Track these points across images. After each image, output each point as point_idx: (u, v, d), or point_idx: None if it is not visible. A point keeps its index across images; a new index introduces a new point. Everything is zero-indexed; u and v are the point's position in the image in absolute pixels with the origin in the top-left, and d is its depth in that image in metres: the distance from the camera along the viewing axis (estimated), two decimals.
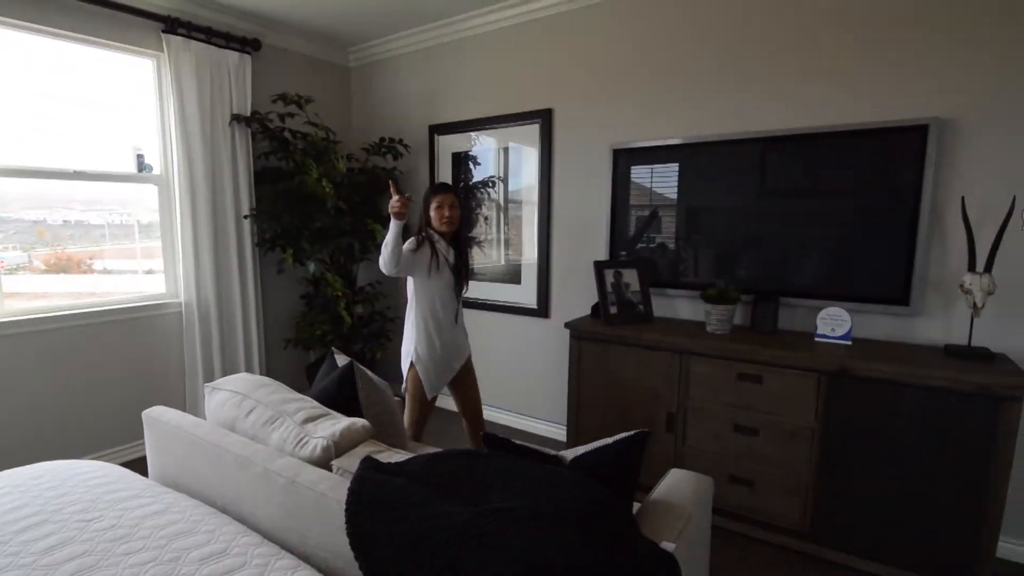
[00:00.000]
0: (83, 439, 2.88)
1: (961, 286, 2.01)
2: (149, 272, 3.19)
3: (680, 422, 2.40)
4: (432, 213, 2.29)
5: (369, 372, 1.76)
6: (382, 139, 3.52)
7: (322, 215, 3.25)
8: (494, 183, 3.45)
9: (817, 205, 2.38)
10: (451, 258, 2.32)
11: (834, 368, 2.03)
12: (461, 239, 2.39)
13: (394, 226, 2.07)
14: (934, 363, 1.94)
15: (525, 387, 3.43)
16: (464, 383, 2.47)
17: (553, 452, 1.31)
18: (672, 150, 2.69)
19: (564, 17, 2.98)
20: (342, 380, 1.65)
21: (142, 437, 3.06)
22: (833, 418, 2.06)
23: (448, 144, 3.58)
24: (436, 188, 2.33)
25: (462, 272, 2.36)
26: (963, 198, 2.05)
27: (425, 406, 2.34)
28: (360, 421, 1.36)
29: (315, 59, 3.79)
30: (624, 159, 2.84)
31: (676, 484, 1.47)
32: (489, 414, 3.60)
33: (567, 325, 2.68)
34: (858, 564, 2.06)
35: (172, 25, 2.95)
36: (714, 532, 2.31)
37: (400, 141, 3.55)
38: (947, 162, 2.12)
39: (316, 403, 1.49)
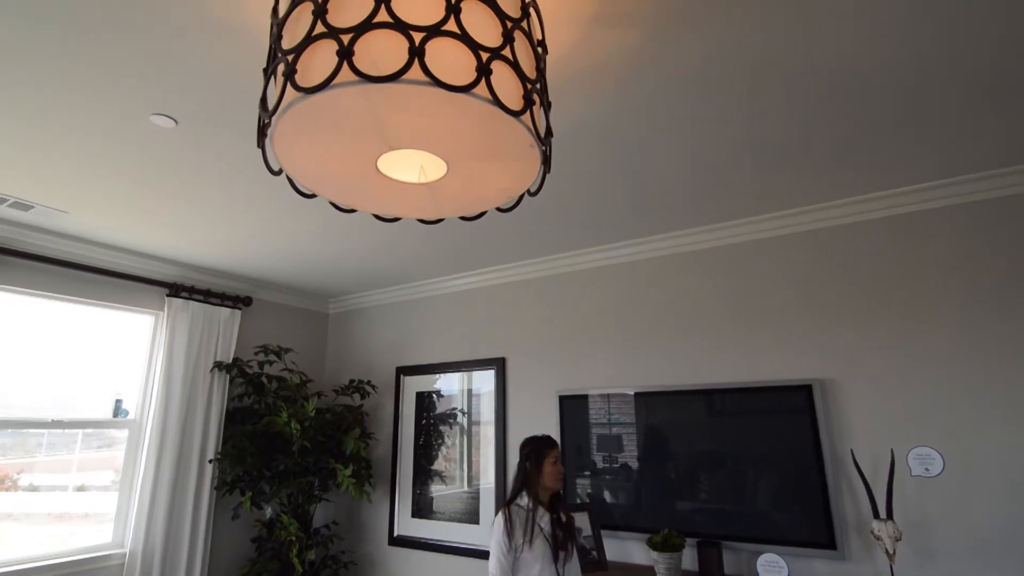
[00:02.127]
0: None
1: (872, 533, 2.21)
2: (81, 488, 3.09)
3: None
4: (548, 468, 2.11)
5: None
6: (352, 380, 3.84)
7: (286, 456, 3.36)
8: (456, 415, 3.70)
9: (747, 454, 2.66)
10: (547, 524, 2.07)
11: None
12: (558, 500, 2.17)
13: None
14: None
15: None
16: None
17: None
18: (607, 398, 3.05)
19: (518, 284, 3.60)
20: None
21: None
22: None
23: (413, 384, 3.91)
24: (548, 441, 2.17)
25: (560, 538, 2.06)
26: (852, 450, 2.38)
27: None
28: None
29: (298, 309, 4.30)
30: (572, 402, 3.17)
31: None
32: None
33: None
34: None
35: (176, 290, 3.43)
36: None
37: (368, 382, 3.87)
38: (834, 417, 2.51)
39: None
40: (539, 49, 1.15)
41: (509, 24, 1.00)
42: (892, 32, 1.52)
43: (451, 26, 0.91)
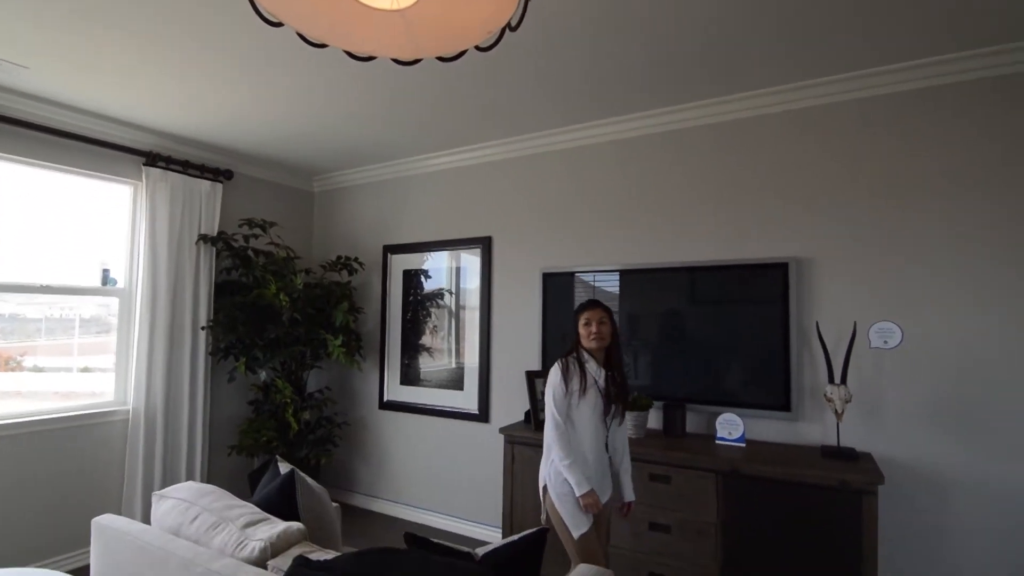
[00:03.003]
0: (15, 550, 2.80)
1: (825, 395, 2.40)
2: (85, 370, 3.26)
3: (604, 522, 2.59)
4: (581, 330, 2.18)
5: (309, 480, 1.93)
6: (339, 257, 3.88)
7: (277, 326, 3.48)
8: (443, 295, 3.80)
9: (717, 325, 2.80)
10: (601, 380, 2.15)
11: (728, 468, 2.33)
12: (614, 358, 2.20)
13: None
14: (810, 462, 2.27)
15: (466, 490, 3.55)
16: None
17: (467, 549, 1.51)
18: (596, 275, 3.13)
19: (505, 163, 3.53)
20: (283, 487, 1.82)
21: (81, 546, 3.02)
22: (731, 514, 2.31)
23: (400, 262, 3.96)
24: (585, 304, 2.21)
25: (613, 395, 2.14)
26: (817, 323, 2.51)
27: (585, 541, 2.04)
28: (296, 525, 1.54)
29: (282, 186, 4.21)
30: (556, 280, 3.25)
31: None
32: (430, 518, 3.66)
33: (502, 430, 2.91)
34: None
35: (153, 159, 3.32)
36: None
37: (356, 259, 3.91)
38: (805, 293, 2.60)
39: (257, 509, 1.65)
40: None
41: None
42: None
43: None
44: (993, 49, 2.24)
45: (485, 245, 3.55)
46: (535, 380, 2.97)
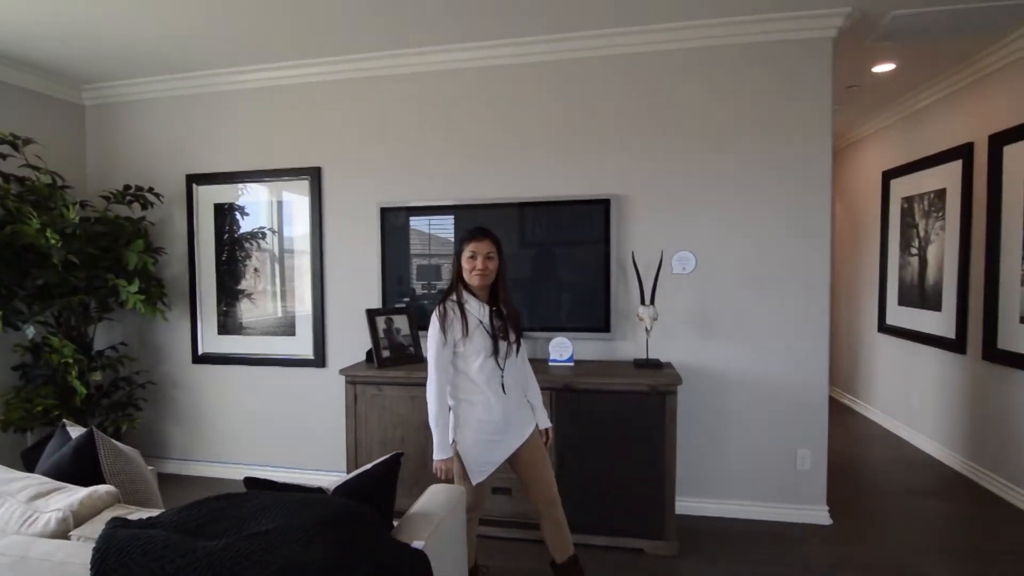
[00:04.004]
0: None
1: (637, 315, 2.75)
2: None
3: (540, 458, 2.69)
4: (464, 264, 1.97)
5: (113, 440, 1.65)
6: (127, 187, 3.24)
7: (46, 271, 2.83)
8: (265, 234, 3.43)
9: (547, 258, 2.98)
10: (486, 318, 1.98)
11: (560, 385, 2.57)
12: (500, 293, 2.03)
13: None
14: (626, 373, 2.61)
15: (306, 440, 3.39)
16: (524, 462, 2.06)
17: (317, 486, 1.46)
18: (439, 209, 3.09)
19: (338, 85, 3.22)
20: (79, 451, 1.53)
21: None
22: (563, 425, 2.58)
23: (209, 195, 3.46)
24: (472, 233, 1.98)
25: (499, 333, 1.98)
26: (633, 252, 2.84)
27: (473, 492, 2.02)
28: (103, 488, 1.31)
29: (37, 94, 3.31)
30: (396, 215, 3.14)
31: (431, 497, 1.73)
32: (266, 473, 3.44)
33: (342, 372, 2.81)
34: (591, 540, 2.57)
35: None
36: (485, 540, 2.63)
37: (150, 190, 3.31)
38: (623, 227, 2.91)
39: (46, 479, 1.37)
40: None
41: None
42: None
43: None
44: (791, 15, 2.65)
45: (314, 177, 3.26)
46: (376, 318, 2.90)
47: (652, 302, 2.73)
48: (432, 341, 1.95)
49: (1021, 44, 2.90)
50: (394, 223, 3.15)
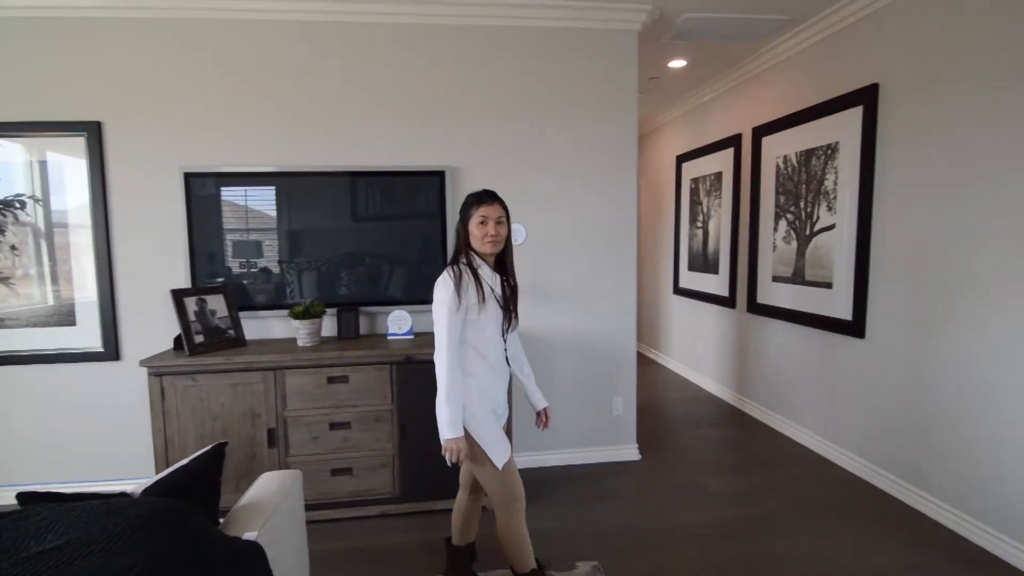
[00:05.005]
0: None
1: None
2: None
3: (281, 435, 2.53)
4: (473, 229, 1.78)
5: None
6: None
7: None
8: (23, 203, 2.78)
9: (383, 231, 2.91)
10: (497, 288, 1.82)
11: (400, 358, 2.56)
12: (508, 263, 1.88)
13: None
14: None
15: (102, 448, 2.88)
16: None
17: (119, 491, 1.27)
18: (257, 178, 2.79)
19: (124, 23, 2.68)
20: None
21: None
22: (403, 397, 2.58)
23: None
24: (479, 197, 1.80)
25: (510, 305, 1.86)
26: None
27: (509, 476, 1.79)
28: None
29: None
30: (204, 182, 2.76)
31: (264, 485, 1.62)
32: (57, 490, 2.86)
33: (143, 363, 2.44)
34: (436, 506, 2.65)
35: None
36: (326, 524, 2.54)
37: None
38: (458, 198, 2.95)
39: None
40: None
41: None
42: None
43: None
44: (603, 5, 2.87)
45: (93, 134, 2.72)
46: (184, 300, 2.56)
47: None
48: (443, 306, 1.71)
49: (776, 52, 3.56)
50: (202, 192, 2.78)
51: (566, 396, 3.17)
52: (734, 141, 4.14)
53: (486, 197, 1.79)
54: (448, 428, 1.70)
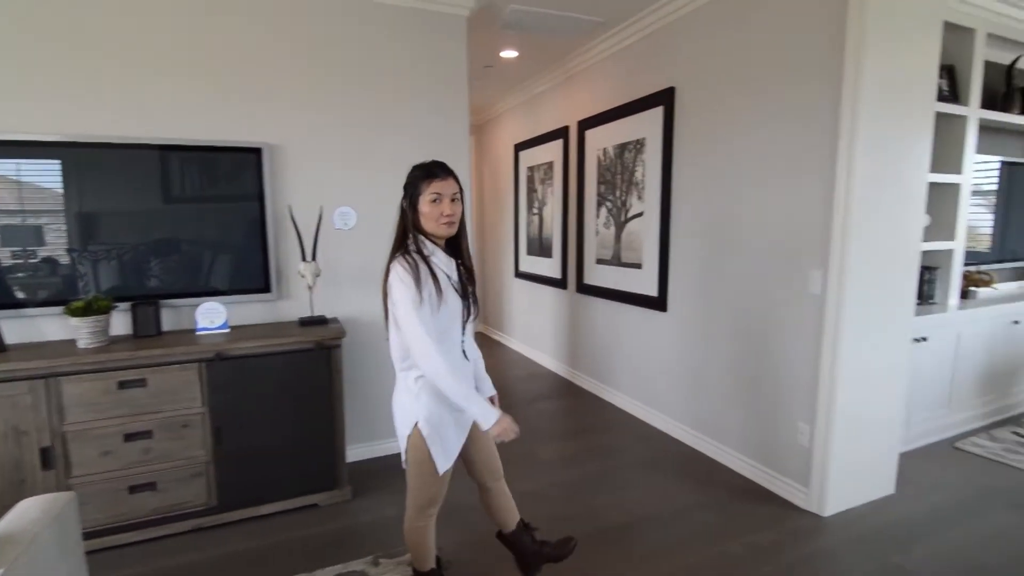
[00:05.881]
0: None
1: (299, 272, 2.67)
2: None
3: (60, 454, 2.14)
4: (425, 209, 1.56)
5: None
6: None
7: None
8: None
9: (191, 214, 2.57)
10: (454, 274, 1.62)
11: (211, 355, 2.31)
12: (463, 245, 1.68)
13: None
14: (290, 332, 2.52)
15: None
16: (472, 438, 1.76)
17: None
18: (35, 148, 2.27)
19: None
20: None
21: None
22: (218, 398, 2.34)
23: None
24: (430, 170, 1.58)
25: (468, 291, 1.66)
26: (290, 206, 2.71)
27: (438, 484, 1.65)
28: None
29: None
30: None
31: (18, 515, 1.36)
32: None
33: None
34: (260, 511, 2.46)
35: None
36: (122, 549, 2.23)
37: None
38: (279, 179, 2.74)
39: None
40: None
41: None
42: None
43: None
44: None
45: None
46: None
47: (314, 257, 2.68)
48: (407, 302, 1.50)
49: (596, 52, 3.84)
50: None
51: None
52: (563, 133, 4.42)
53: (438, 171, 1.58)
54: (484, 418, 1.53)
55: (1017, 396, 3.63)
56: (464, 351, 1.67)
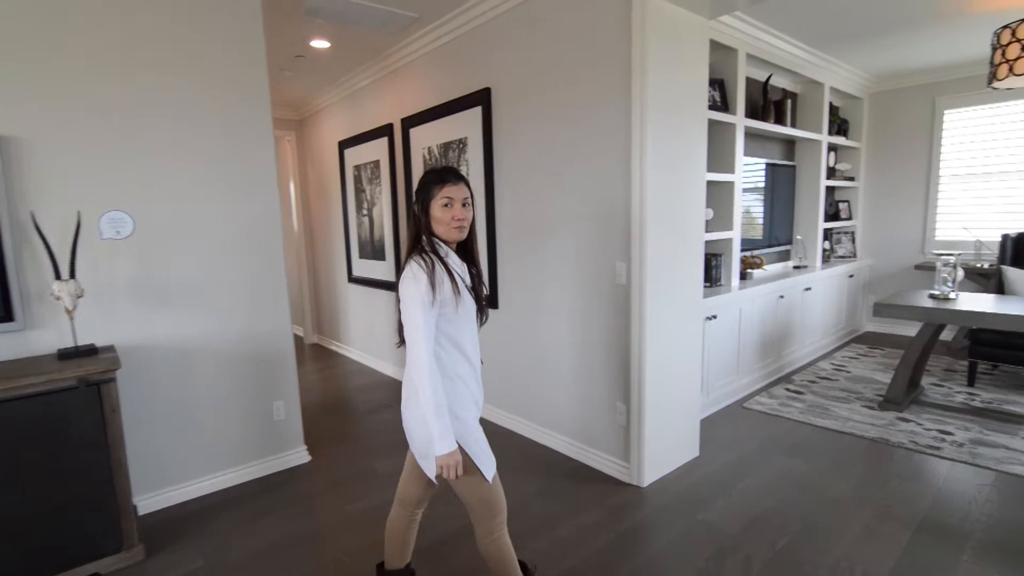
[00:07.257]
0: None
1: (52, 294, 2.16)
2: None
3: None
4: (437, 213, 1.52)
5: None
6: None
7: None
8: None
9: None
10: (467, 277, 1.59)
11: None
12: (472, 248, 1.65)
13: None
14: (42, 369, 2.02)
15: None
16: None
17: None
18: None
19: None
20: None
21: None
22: None
23: None
24: (441, 175, 1.54)
25: (480, 293, 1.63)
26: (32, 213, 2.19)
27: (493, 490, 1.59)
28: None
29: None
30: None
31: None
32: None
33: None
34: None
35: None
36: None
37: None
38: (15, 180, 2.19)
39: None
40: None
41: None
42: None
43: None
44: None
45: None
46: None
47: (73, 275, 2.20)
48: (416, 301, 1.46)
49: (414, 48, 3.74)
50: None
51: (212, 412, 2.75)
52: (388, 130, 4.25)
53: (449, 176, 1.56)
54: (442, 442, 1.46)
55: (788, 358, 4.37)
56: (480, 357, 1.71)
